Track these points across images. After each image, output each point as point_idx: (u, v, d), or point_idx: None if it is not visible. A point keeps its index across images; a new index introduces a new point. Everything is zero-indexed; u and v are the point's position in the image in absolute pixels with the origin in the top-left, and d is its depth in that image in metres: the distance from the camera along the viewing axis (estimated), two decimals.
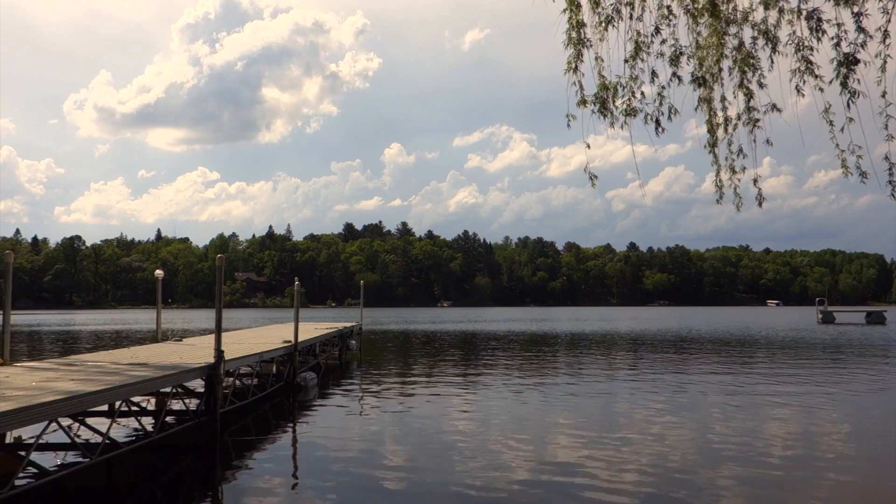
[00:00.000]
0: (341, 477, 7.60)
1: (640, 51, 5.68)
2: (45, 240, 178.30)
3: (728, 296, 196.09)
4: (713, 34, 5.64)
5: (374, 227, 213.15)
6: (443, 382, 15.74)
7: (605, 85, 5.72)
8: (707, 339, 32.87)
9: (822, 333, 36.66)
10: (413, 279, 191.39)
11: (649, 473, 7.57)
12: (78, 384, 7.03)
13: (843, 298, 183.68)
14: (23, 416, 5.60)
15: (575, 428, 10.27)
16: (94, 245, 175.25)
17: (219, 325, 9.44)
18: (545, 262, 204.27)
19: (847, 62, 5.00)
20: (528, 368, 18.92)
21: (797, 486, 7.19)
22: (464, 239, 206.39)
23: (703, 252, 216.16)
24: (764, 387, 14.79)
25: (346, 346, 21.85)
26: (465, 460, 8.26)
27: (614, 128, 5.81)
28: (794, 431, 10.02)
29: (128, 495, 7.14)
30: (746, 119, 5.77)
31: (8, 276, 9.59)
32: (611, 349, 26.48)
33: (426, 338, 34.89)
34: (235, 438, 9.65)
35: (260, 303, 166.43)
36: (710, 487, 7.08)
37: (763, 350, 25.66)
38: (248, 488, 7.24)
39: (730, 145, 6.03)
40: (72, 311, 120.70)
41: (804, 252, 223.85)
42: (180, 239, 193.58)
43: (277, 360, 14.12)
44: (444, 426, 10.49)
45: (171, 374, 8.40)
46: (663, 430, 10.01)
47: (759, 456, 8.33)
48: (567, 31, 5.54)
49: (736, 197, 6.20)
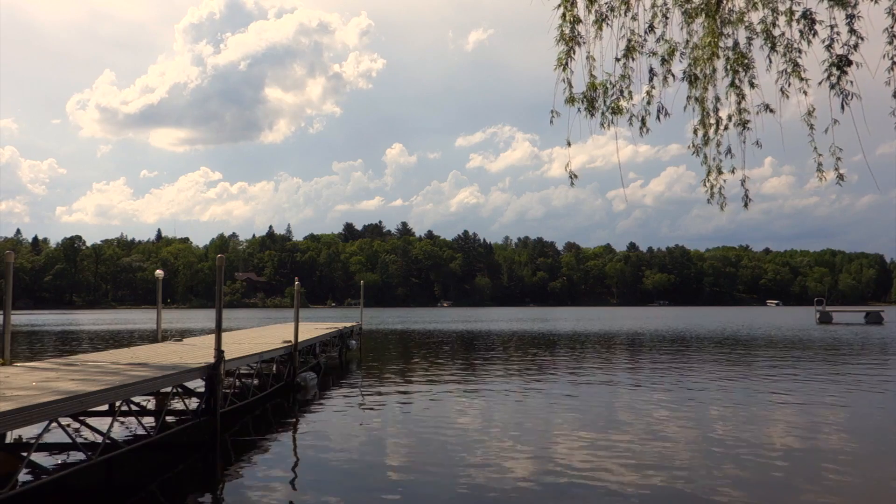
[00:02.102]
0: (341, 476, 7.63)
1: (633, 50, 5.70)
2: (45, 240, 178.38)
3: (728, 296, 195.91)
4: (708, 34, 5.67)
5: (374, 227, 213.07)
6: (443, 382, 15.76)
7: (594, 84, 5.73)
8: (705, 339, 32.88)
9: (819, 334, 36.68)
10: (413, 279, 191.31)
11: (650, 473, 7.60)
12: (78, 384, 7.06)
13: (843, 298, 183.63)
14: (23, 416, 5.63)
15: (575, 427, 10.30)
16: (94, 245, 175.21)
17: (219, 325, 9.46)
18: (545, 262, 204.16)
19: (840, 64, 5.02)
20: (528, 368, 18.95)
21: (798, 485, 7.22)
22: (464, 239, 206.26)
23: (702, 252, 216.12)
24: (762, 386, 14.81)
25: (346, 346, 21.88)
26: (466, 460, 8.28)
27: (603, 127, 5.83)
28: (793, 431, 10.04)
29: (128, 495, 7.17)
30: (737, 120, 5.80)
31: (8, 276, 9.62)
32: (611, 349, 26.50)
33: (426, 338, 34.91)
34: (235, 438, 9.68)
35: (260, 303, 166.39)
36: (710, 487, 7.11)
37: (760, 350, 25.68)
38: (249, 488, 7.27)
39: (718, 146, 6.06)
40: (72, 311, 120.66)
41: (804, 252, 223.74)
42: (180, 239, 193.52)
43: (277, 360, 14.15)
44: (444, 426, 10.51)
45: (171, 374, 8.43)
46: (664, 430, 10.03)
47: (759, 456, 8.36)
48: (559, 27, 5.54)
49: (720, 197, 6.23)
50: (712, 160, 6.10)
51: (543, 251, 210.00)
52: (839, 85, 5.01)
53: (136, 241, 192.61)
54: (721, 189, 6.15)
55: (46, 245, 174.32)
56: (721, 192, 6.17)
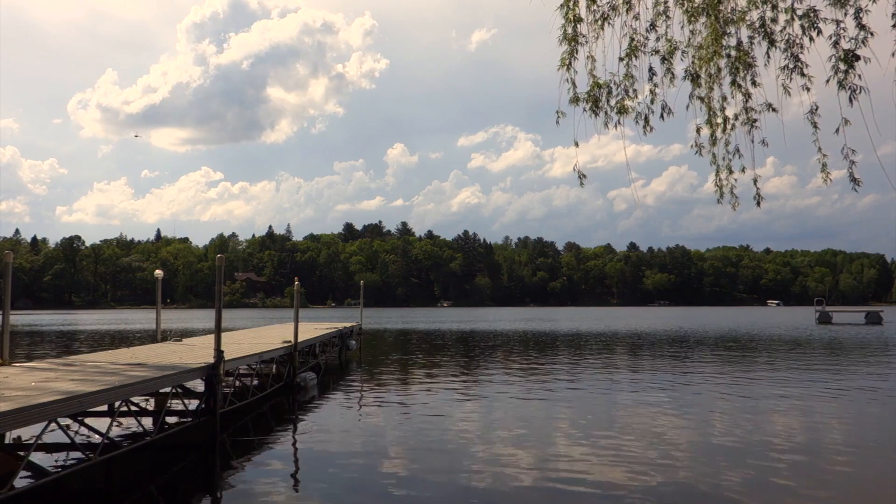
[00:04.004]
0: (341, 477, 7.60)
1: (636, 49, 5.66)
2: (44, 240, 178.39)
3: (728, 296, 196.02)
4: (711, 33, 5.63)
5: (374, 227, 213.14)
6: (443, 382, 15.73)
7: (598, 83, 5.70)
8: (705, 339, 32.86)
9: (818, 334, 36.65)
10: (413, 279, 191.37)
11: (651, 473, 7.57)
12: (77, 384, 7.02)
13: (844, 298, 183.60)
14: (22, 416, 5.59)
15: (576, 427, 10.27)
16: (93, 245, 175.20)
17: (218, 325, 9.43)
18: (545, 262, 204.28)
19: (847, 59, 4.96)
20: (528, 368, 18.91)
21: (798, 485, 7.18)
22: (464, 239, 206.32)
23: (703, 252, 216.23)
24: (761, 386, 14.78)
25: (346, 346, 21.84)
26: (466, 459, 8.25)
27: (607, 127, 5.79)
28: (792, 431, 10.01)
29: (128, 495, 7.13)
30: (745, 119, 5.76)
31: (7, 276, 9.58)
32: (611, 349, 26.47)
33: (426, 338, 34.88)
34: (235, 438, 9.65)
35: (260, 303, 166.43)
36: (711, 487, 7.07)
37: (759, 350, 25.65)
38: (248, 488, 7.24)
39: (727, 145, 6.02)
40: (71, 312, 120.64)
41: (804, 252, 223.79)
42: (180, 239, 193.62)
43: (277, 360, 14.11)
44: (444, 426, 10.48)
45: (170, 374, 8.39)
46: (664, 430, 10.00)
47: (759, 456, 8.33)
48: (562, 27, 5.52)
49: (732, 197, 6.19)
50: (721, 160, 6.06)
51: (543, 251, 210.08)
52: (847, 80, 4.94)
53: (135, 241, 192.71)
54: (732, 188, 6.10)
55: (45, 245, 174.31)
56: (732, 192, 6.13)
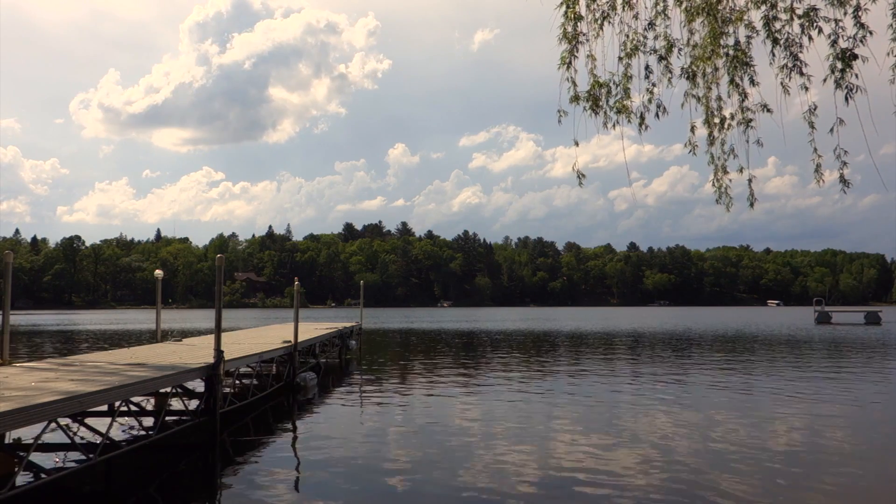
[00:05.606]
0: (341, 477, 7.60)
1: (636, 48, 5.66)
2: (44, 240, 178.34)
3: (728, 296, 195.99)
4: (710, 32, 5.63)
5: (374, 227, 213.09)
6: (443, 382, 15.73)
7: (598, 82, 5.70)
8: (704, 339, 32.86)
9: (817, 334, 36.65)
10: (413, 279, 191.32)
11: (651, 473, 7.57)
12: (77, 384, 7.03)
13: (844, 299, 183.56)
14: (22, 416, 5.60)
15: (576, 427, 10.27)
16: (93, 245, 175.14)
17: (218, 325, 9.44)
18: (545, 262, 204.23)
19: (845, 58, 4.95)
20: (528, 368, 18.92)
21: (798, 484, 7.19)
22: (464, 239, 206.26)
23: (703, 252, 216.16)
24: (760, 386, 14.79)
25: (346, 346, 21.84)
26: (466, 460, 8.26)
27: (606, 126, 5.79)
28: (792, 431, 10.02)
29: (128, 495, 7.14)
30: (741, 119, 5.76)
31: (7, 275, 9.59)
32: (612, 349, 26.47)
33: (426, 338, 34.88)
34: (235, 438, 9.65)
35: (260, 303, 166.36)
36: (711, 487, 7.07)
37: (758, 350, 25.66)
38: (248, 488, 7.24)
39: (723, 145, 6.02)
40: (71, 312, 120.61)
41: (805, 252, 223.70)
42: (180, 239, 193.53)
43: (277, 360, 14.12)
44: (444, 426, 10.48)
45: (170, 374, 8.40)
46: (664, 429, 10.00)
47: (759, 455, 8.33)
48: (562, 26, 5.51)
49: (727, 197, 6.18)
50: (717, 160, 6.05)
51: (543, 251, 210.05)
52: (843, 80, 4.93)
53: (135, 241, 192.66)
54: (727, 189, 6.10)
55: (45, 245, 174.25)
56: (727, 192, 6.12)
